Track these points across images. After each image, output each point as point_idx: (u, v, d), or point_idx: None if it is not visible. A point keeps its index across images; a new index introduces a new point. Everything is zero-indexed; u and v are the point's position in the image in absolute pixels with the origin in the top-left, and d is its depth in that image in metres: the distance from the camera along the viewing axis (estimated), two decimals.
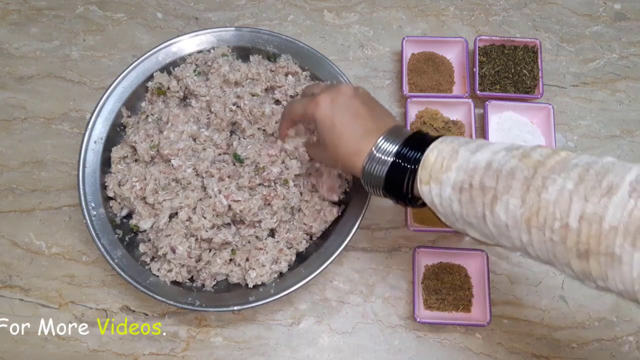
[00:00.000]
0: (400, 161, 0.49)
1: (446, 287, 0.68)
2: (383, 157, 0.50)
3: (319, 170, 0.66)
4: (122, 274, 0.62)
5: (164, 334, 0.68)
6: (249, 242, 0.66)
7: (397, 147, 0.49)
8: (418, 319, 0.65)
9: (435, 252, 0.69)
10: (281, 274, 0.66)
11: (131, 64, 0.70)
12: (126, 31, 0.83)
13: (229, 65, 0.70)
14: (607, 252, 0.36)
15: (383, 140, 0.50)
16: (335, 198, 0.67)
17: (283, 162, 0.65)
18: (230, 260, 0.65)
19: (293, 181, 0.65)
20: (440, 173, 0.46)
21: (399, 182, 0.49)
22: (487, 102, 0.75)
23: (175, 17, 0.84)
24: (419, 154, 0.48)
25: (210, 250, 0.65)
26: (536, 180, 0.40)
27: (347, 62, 0.81)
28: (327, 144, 0.53)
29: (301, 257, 0.67)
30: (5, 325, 0.68)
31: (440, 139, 0.48)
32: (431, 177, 0.47)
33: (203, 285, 0.65)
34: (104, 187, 0.67)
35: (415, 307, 0.66)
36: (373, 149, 0.50)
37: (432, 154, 0.47)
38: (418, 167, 0.47)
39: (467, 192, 0.45)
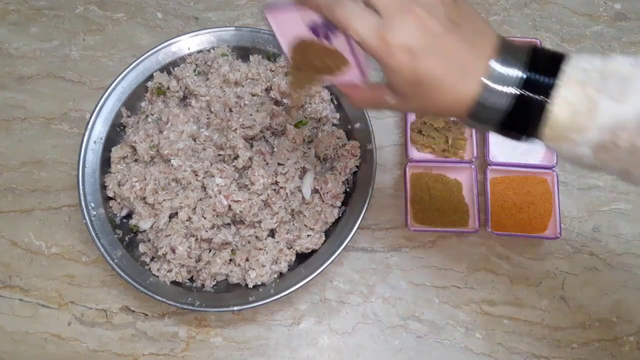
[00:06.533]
0: (529, 93, 0.37)
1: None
2: (503, 88, 0.38)
3: (324, 177, 0.66)
4: (122, 274, 0.62)
5: (164, 333, 0.68)
6: (249, 242, 0.66)
7: (521, 71, 0.37)
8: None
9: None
10: (281, 274, 0.66)
11: (131, 64, 0.70)
12: (126, 31, 0.83)
13: (228, 65, 0.70)
14: None
15: (499, 64, 0.38)
16: (339, 204, 0.67)
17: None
18: (230, 260, 0.65)
19: (291, 191, 0.65)
20: (574, 133, 0.37)
21: (527, 118, 0.38)
22: None
23: (175, 17, 0.84)
24: (552, 79, 0.37)
25: (210, 251, 0.65)
26: None
27: None
28: (411, 95, 0.40)
29: (301, 257, 0.67)
30: (5, 326, 0.68)
31: (566, 77, 0.37)
32: (561, 137, 0.38)
33: (203, 286, 0.65)
34: (103, 187, 0.67)
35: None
36: (485, 79, 0.38)
37: (561, 110, 0.36)
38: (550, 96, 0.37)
39: (611, 152, 0.37)
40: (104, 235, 0.64)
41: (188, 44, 0.72)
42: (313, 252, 0.66)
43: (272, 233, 0.67)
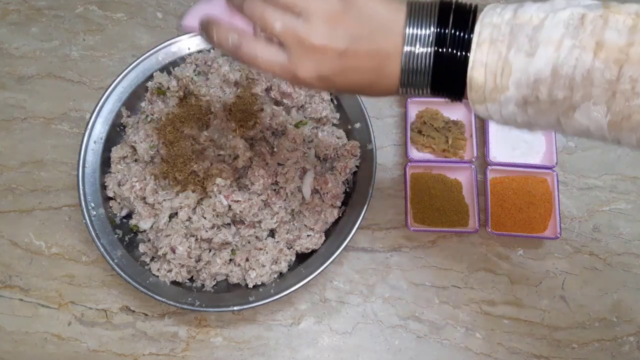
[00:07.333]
0: (445, 50, 0.38)
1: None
2: (419, 49, 0.38)
3: (324, 177, 0.66)
4: (122, 274, 0.62)
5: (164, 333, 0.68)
6: (249, 242, 0.66)
7: (433, 29, 0.38)
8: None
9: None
10: (281, 274, 0.66)
11: (131, 64, 0.70)
12: (126, 31, 0.83)
13: (229, 65, 0.70)
14: None
15: (412, 27, 0.38)
16: (339, 204, 0.67)
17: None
18: (230, 260, 0.65)
19: (291, 191, 0.65)
20: (496, 93, 0.37)
21: (450, 75, 0.39)
22: None
23: (175, 17, 0.84)
24: (468, 34, 0.37)
25: (210, 251, 0.65)
26: (622, 85, 0.33)
27: None
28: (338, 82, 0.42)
29: (301, 257, 0.67)
30: (5, 326, 0.68)
31: (479, 36, 0.37)
32: (485, 98, 0.38)
33: (203, 286, 0.65)
34: (103, 187, 0.67)
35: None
36: (403, 48, 0.39)
37: (478, 73, 0.37)
38: (469, 53, 0.37)
39: (534, 106, 0.37)
40: (104, 235, 0.65)
41: (188, 44, 0.72)
42: (313, 252, 0.66)
43: (272, 233, 0.67)
